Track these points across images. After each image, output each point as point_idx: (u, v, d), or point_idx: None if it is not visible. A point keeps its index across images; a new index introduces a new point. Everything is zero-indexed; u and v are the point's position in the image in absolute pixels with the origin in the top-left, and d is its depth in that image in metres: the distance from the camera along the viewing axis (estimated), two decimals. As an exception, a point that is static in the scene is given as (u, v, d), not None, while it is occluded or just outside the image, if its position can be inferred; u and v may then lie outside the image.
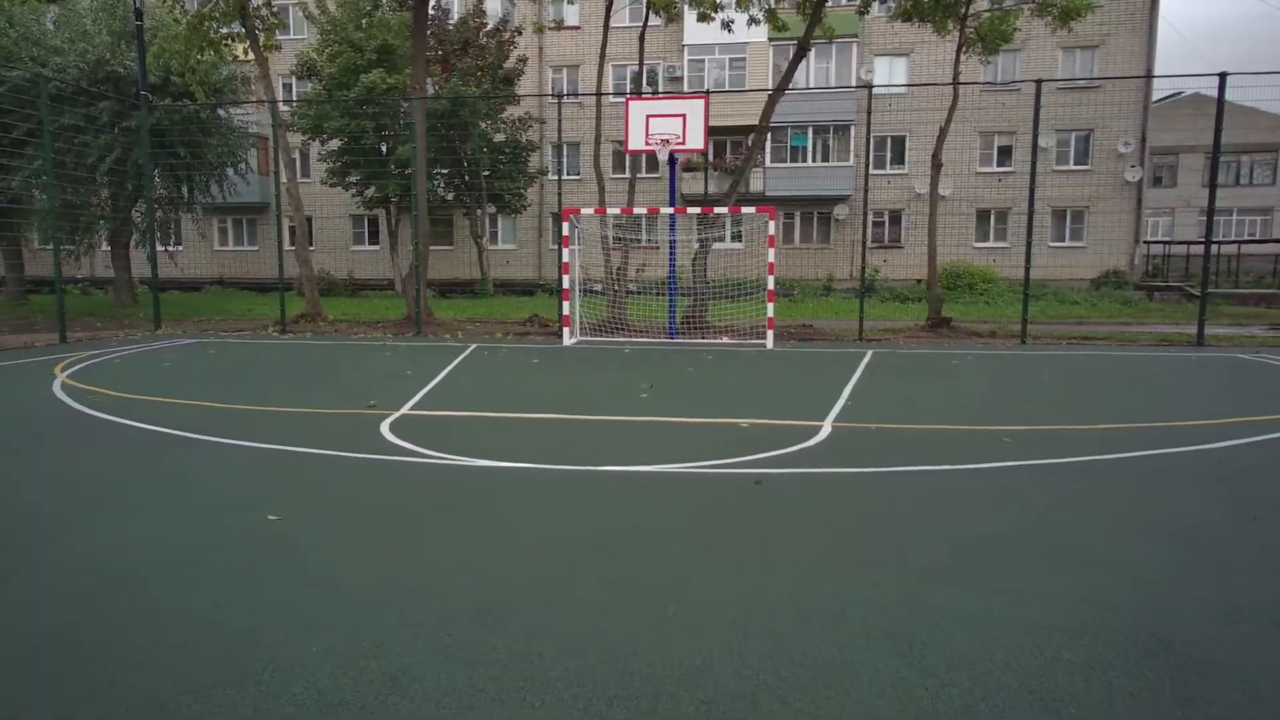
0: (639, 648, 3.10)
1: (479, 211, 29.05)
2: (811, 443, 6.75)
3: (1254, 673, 2.92)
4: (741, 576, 3.83)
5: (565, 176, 32.35)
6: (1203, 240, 15.86)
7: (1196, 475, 5.76)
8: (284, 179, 17.03)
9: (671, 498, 5.19)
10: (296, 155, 33.04)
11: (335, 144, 26.45)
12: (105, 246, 24.35)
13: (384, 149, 26.39)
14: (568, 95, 22.41)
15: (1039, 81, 15.34)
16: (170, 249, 24.83)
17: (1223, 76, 14.74)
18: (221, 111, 22.12)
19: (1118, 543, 4.31)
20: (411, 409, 8.18)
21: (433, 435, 6.93)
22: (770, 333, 14.31)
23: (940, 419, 7.75)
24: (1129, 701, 2.73)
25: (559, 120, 16.06)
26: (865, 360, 12.32)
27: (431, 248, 32.97)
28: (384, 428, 7.27)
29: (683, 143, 14.05)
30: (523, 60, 28.07)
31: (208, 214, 29.76)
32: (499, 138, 27.95)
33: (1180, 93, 47.05)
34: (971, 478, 5.67)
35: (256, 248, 33.88)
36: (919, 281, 26.66)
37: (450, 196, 28.56)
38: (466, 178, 27.90)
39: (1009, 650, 3.08)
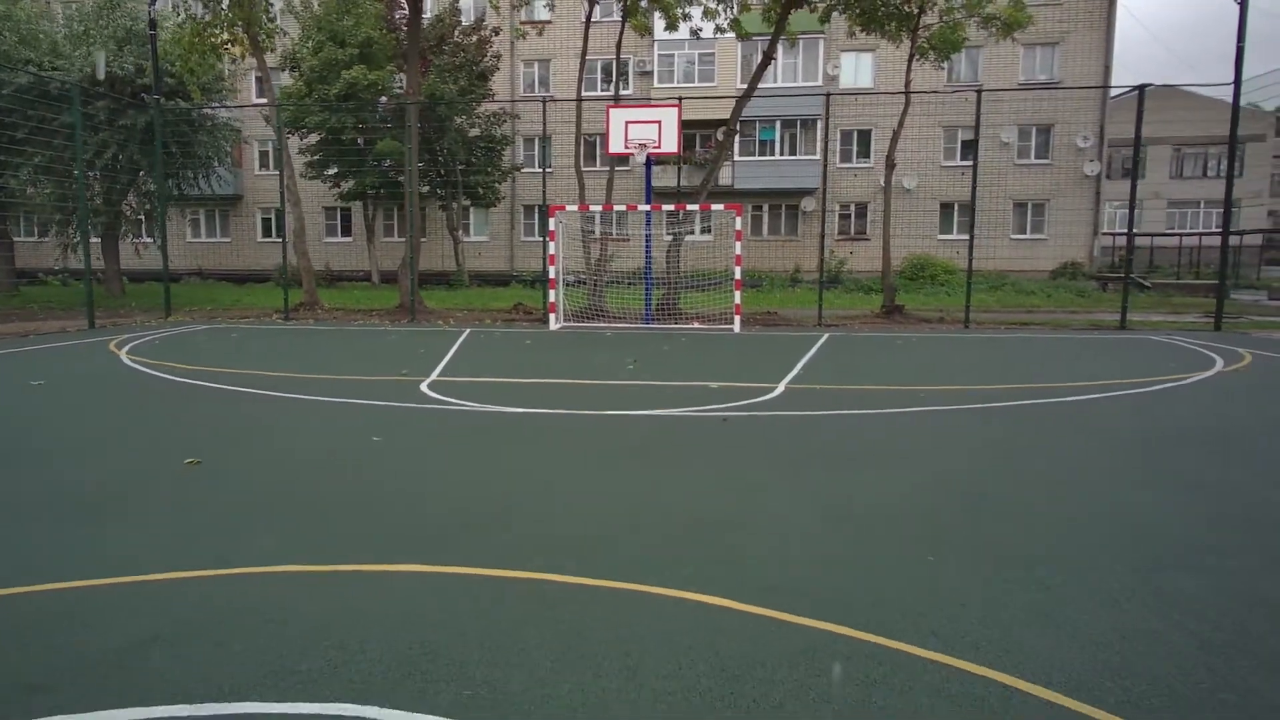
0: (633, 504, 5.39)
1: (454, 205, 31.09)
2: (768, 397, 9.06)
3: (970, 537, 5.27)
4: (711, 471, 6.13)
5: (537, 169, 34.51)
6: (1130, 233, 18.44)
7: (1045, 417, 8.16)
8: (286, 176, 18.98)
9: (658, 431, 7.47)
10: (269, 147, 34.96)
11: (314, 138, 28.32)
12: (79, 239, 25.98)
13: (361, 142, 28.30)
14: (551, 98, 24.50)
15: (979, 90, 17.80)
16: (145, 241, 26.56)
17: (1141, 89, 17.35)
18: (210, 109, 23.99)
19: (953, 454, 6.69)
20: (439, 376, 10.38)
21: (464, 393, 9.14)
22: (738, 318, 16.64)
23: (875, 382, 10.12)
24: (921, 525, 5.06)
25: (543, 123, 18.22)
26: (821, 341, 14.70)
27: (405, 239, 35.02)
28: (423, 388, 9.48)
29: (659, 147, 16.33)
30: (497, 56, 30.19)
31: (179, 206, 31.44)
32: (474, 132, 30.02)
33: (1147, 85, 50.12)
34: (886, 418, 8.02)
35: (229, 239, 35.62)
36: (894, 273, 29.16)
37: (426, 190, 30.55)
38: (442, 171, 29.93)
39: (872, 505, 5.41)
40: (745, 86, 18.91)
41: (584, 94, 19.71)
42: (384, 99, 27.33)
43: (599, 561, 4.17)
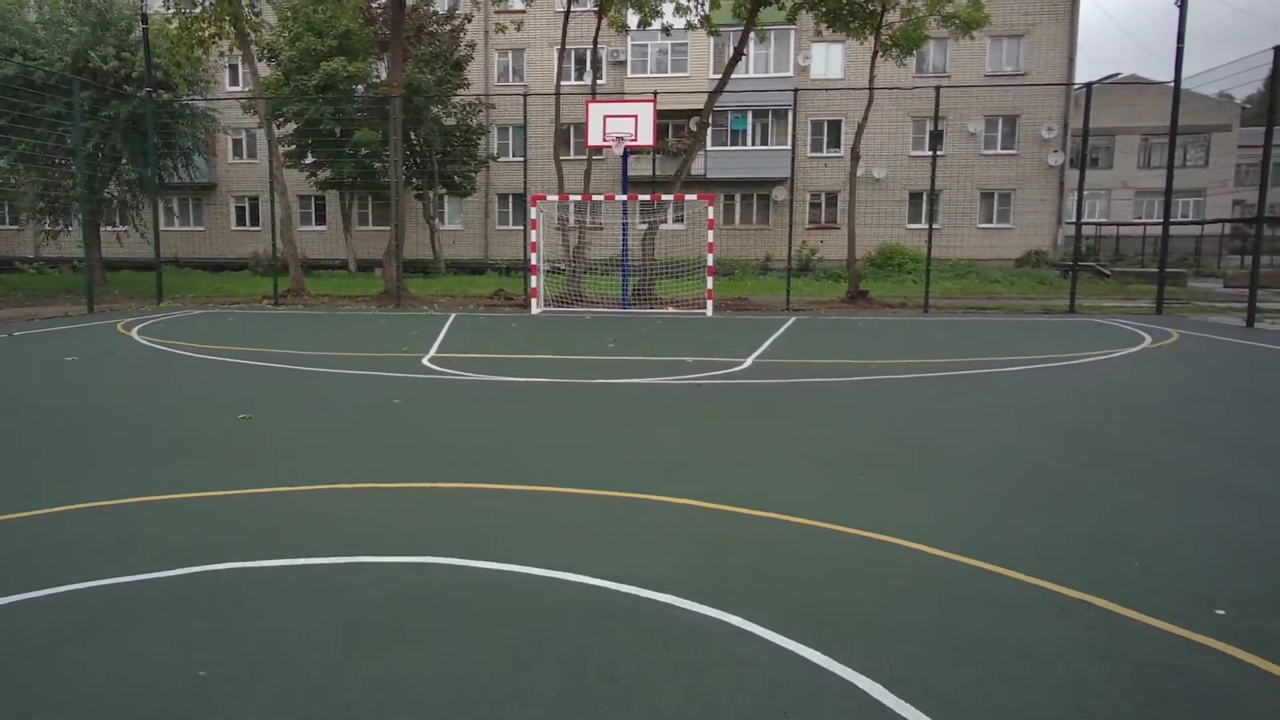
0: (624, 443, 6.74)
1: (430, 194, 32.19)
2: (738, 369, 10.44)
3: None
4: (688, 422, 7.50)
5: (511, 158, 35.71)
6: (1078, 221, 20.03)
7: (973, 384, 9.61)
8: (274, 166, 20.07)
9: (641, 394, 8.82)
10: (243, 136, 35.84)
11: (291, 127, 29.27)
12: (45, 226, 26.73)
13: (337, 131, 29.29)
14: (529, 90, 25.70)
15: (938, 88, 19.30)
16: (122, 230, 27.45)
17: (1089, 86, 18.92)
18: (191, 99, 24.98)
19: (890, 410, 8.11)
20: (436, 353, 11.65)
21: (463, 366, 10.43)
22: (710, 303, 18.02)
23: (834, 356, 11.54)
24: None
25: (524, 115, 19.45)
26: (788, 323, 16.13)
27: (381, 228, 36.03)
28: (425, 362, 10.76)
29: (635, 139, 17.64)
30: (471, 46, 31.31)
31: (161, 195, 32.25)
32: (450, 122, 31.12)
33: (1115, 74, 52.05)
34: (838, 384, 9.43)
35: (203, 228, 36.47)
36: (857, 260, 30.67)
37: (401, 178, 31.63)
38: (419, 160, 31.02)
39: (819, 443, 6.80)
40: (717, 77, 20.31)
41: (554, 82, 20.97)
42: (360, 87, 28.32)
43: (605, 480, 5.51)
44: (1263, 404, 8.38)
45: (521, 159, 35.30)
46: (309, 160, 29.79)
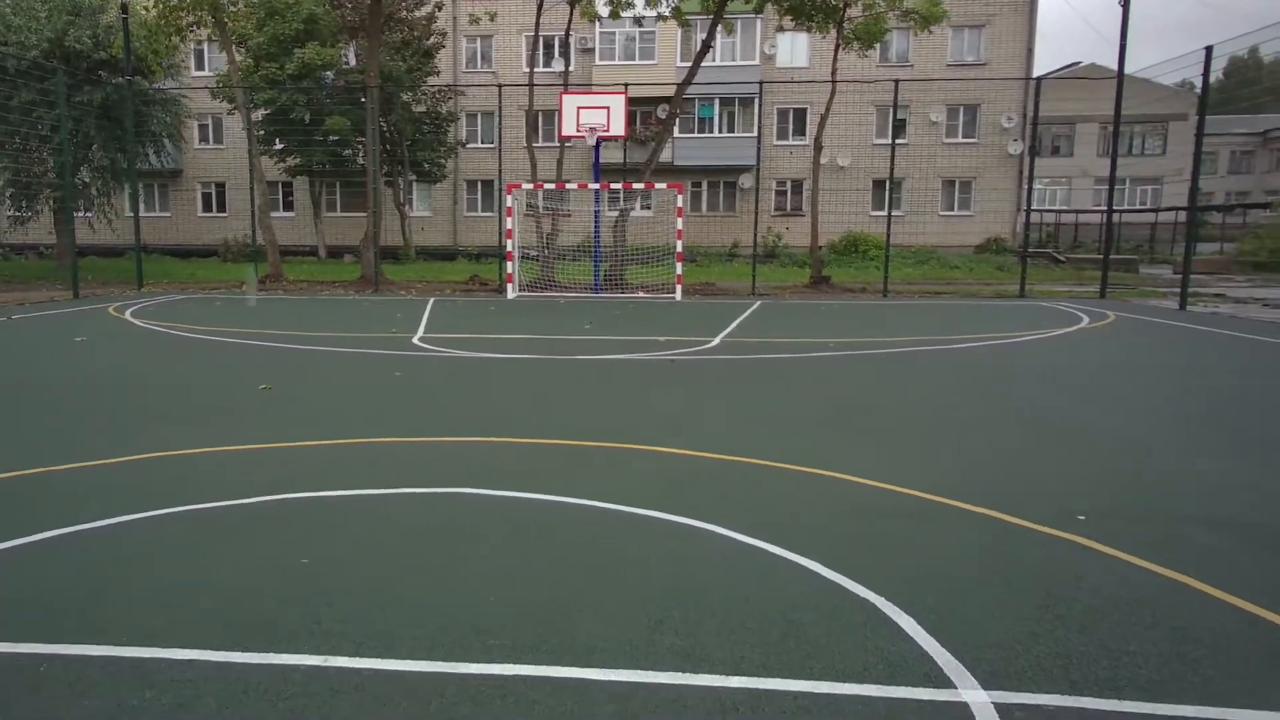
0: (608, 407, 7.83)
1: (400, 180, 32.95)
2: (706, 346, 11.55)
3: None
4: (663, 390, 8.59)
5: (480, 144, 36.54)
6: (1027, 209, 21.37)
7: (917, 358, 10.80)
8: (254, 154, 20.83)
9: (619, 368, 9.90)
10: (209, 121, 36.31)
11: (261, 113, 29.87)
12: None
13: (306, 118, 29.95)
14: (506, 82, 26.52)
15: (896, 81, 20.51)
16: (88, 215, 27.95)
17: (1039, 80, 20.24)
18: (164, 84, 25.56)
19: (842, 380, 9.27)
20: (424, 334, 12.64)
21: (451, 344, 11.44)
22: (679, 287, 19.13)
23: (795, 335, 12.69)
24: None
25: (499, 106, 20.38)
26: (753, 307, 17.28)
27: (350, 214, 36.71)
28: (415, 341, 11.75)
29: (607, 130, 18.67)
30: (442, 34, 32.08)
31: (133, 181, 32.71)
32: (420, 109, 31.89)
33: (1077, 63, 53.72)
34: (797, 359, 10.58)
35: (169, 214, 36.90)
36: (820, 247, 31.93)
37: (378, 166, 32.35)
38: (389, 147, 31.76)
39: (778, 403, 7.92)
40: (685, 64, 21.38)
41: (522, 69, 21.84)
42: (329, 74, 29.00)
43: (600, 434, 6.59)
44: (1165, 374, 9.65)
45: (491, 145, 36.38)
46: (279, 146, 30.42)
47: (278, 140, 30.32)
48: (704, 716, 2.77)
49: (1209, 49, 17.07)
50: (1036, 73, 43.47)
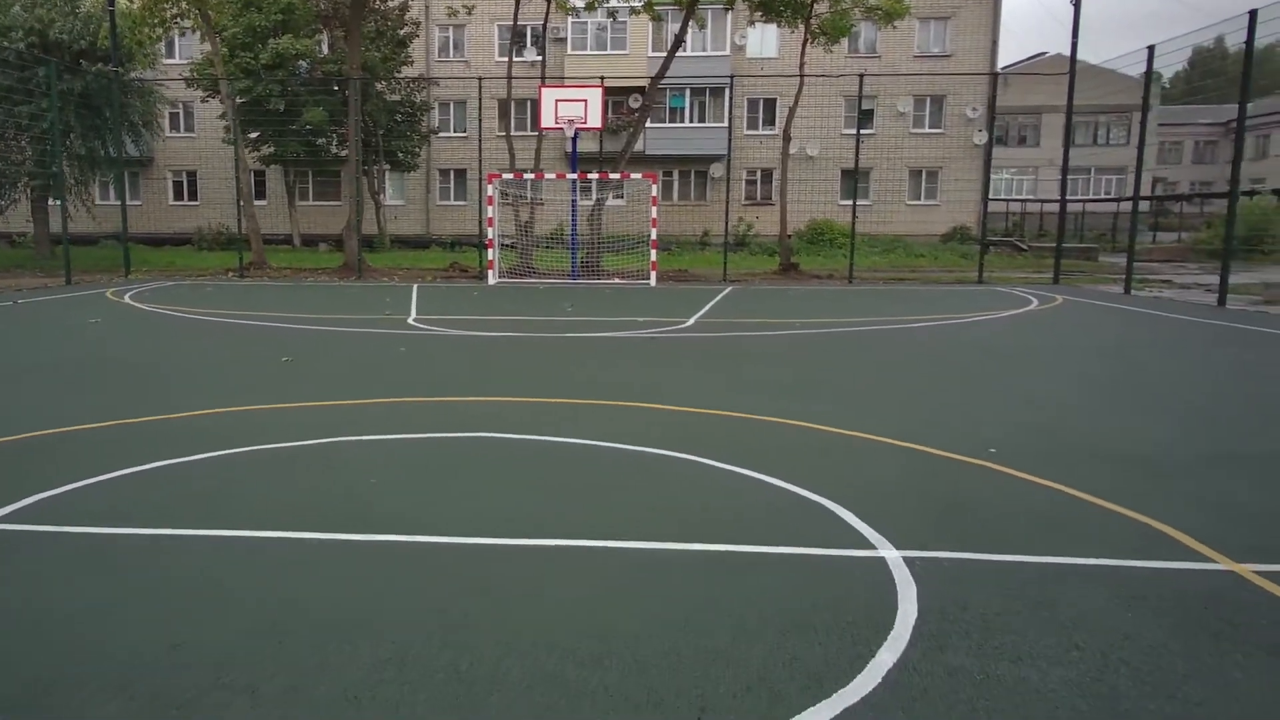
0: (596, 374, 9.00)
1: (374, 169, 33.82)
2: (683, 326, 12.74)
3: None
4: (645, 362, 9.77)
5: (452, 133, 37.47)
6: (985, 199, 22.75)
7: (875, 336, 12.06)
8: (240, 145, 21.70)
9: (604, 343, 11.07)
10: (180, 110, 36.92)
11: (236, 101, 30.63)
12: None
13: (282, 107, 30.76)
14: (487, 75, 27.47)
15: (861, 76, 21.79)
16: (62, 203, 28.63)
17: (995, 76, 21.58)
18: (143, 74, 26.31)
19: (806, 354, 10.51)
20: (416, 315, 13.72)
21: (445, 325, 12.54)
22: (654, 274, 20.30)
23: (765, 317, 13.92)
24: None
25: (479, 100, 21.39)
26: (725, 292, 18.51)
27: (323, 203, 37.54)
28: (410, 321, 12.84)
29: (585, 123, 19.79)
30: (416, 24, 32.98)
31: (110, 171, 33.35)
32: (394, 98, 32.78)
33: (1043, 53, 55.40)
34: (766, 336, 11.80)
35: (140, 202, 37.41)
36: (790, 236, 33.27)
37: (345, 153, 33.17)
38: (363, 136, 32.60)
39: (747, 374, 9.14)
40: (656, 54, 22.55)
41: (494, 58, 22.83)
42: (304, 63, 29.82)
43: (595, 395, 7.75)
44: (1095, 348, 10.99)
45: (463, 134, 37.34)
46: (253, 135, 31.19)
47: (252, 130, 31.08)
48: (684, 571, 3.96)
49: (1151, 48, 18.47)
50: (1001, 64, 45.11)
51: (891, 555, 4.05)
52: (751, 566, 3.95)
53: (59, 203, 28.67)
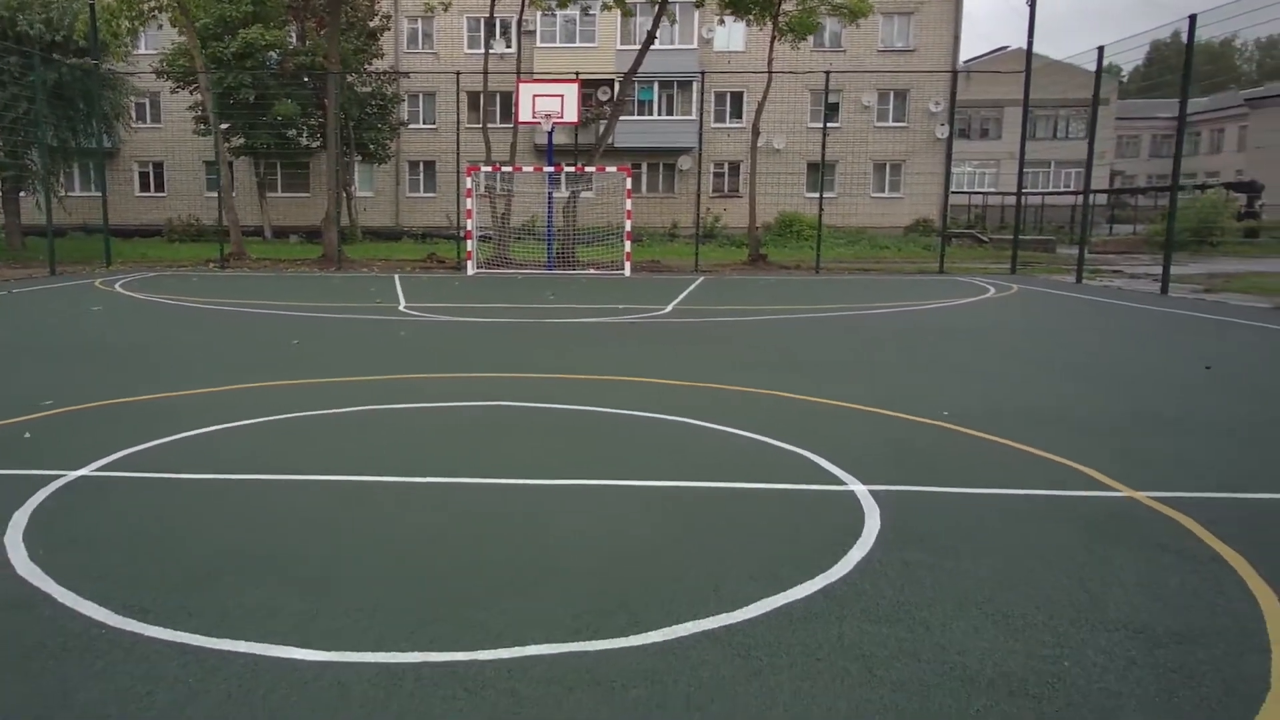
0: (583, 355, 9.90)
1: (346, 161, 34.36)
2: (660, 313, 13.65)
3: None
4: (628, 346, 10.68)
5: (422, 125, 38.04)
6: (946, 192, 23.87)
7: (837, 321, 13.06)
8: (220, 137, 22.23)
9: (587, 328, 11.96)
10: (146, 101, 37.16)
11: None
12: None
13: (252, 98, 31.22)
14: (459, 70, 28.16)
15: (828, 73, 22.83)
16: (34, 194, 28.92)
17: (955, 73, 22.72)
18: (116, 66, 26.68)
19: (775, 338, 11.49)
20: (406, 304, 14.50)
21: (436, 312, 13.34)
22: (628, 264, 21.19)
23: (737, 304, 14.88)
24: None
25: (456, 93, 22.15)
26: (697, 281, 19.45)
27: (292, 195, 37.96)
28: (402, 309, 13.63)
29: (561, 117, 20.62)
30: (387, 17, 33.56)
31: (77, 161, 33.56)
32: (364, 90, 33.34)
33: (1005, 48, 56.90)
34: (738, 322, 12.75)
35: (104, 194, 37.64)
36: (758, 228, 34.30)
37: (319, 144, 33.66)
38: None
39: (721, 355, 10.07)
40: (625, 47, 23.43)
41: (464, 50, 23.54)
42: (274, 53, 30.30)
43: (586, 370, 8.63)
44: (1043, 330, 12.06)
45: (433, 126, 37.96)
46: (224, 126, 31.60)
47: (223, 121, 31.50)
48: (690, 501, 4.87)
49: (1100, 49, 19.66)
50: (964, 58, 46.35)
51: (860, 489, 4.98)
52: (747, 496, 4.87)
53: (37, 194, 29.12)
